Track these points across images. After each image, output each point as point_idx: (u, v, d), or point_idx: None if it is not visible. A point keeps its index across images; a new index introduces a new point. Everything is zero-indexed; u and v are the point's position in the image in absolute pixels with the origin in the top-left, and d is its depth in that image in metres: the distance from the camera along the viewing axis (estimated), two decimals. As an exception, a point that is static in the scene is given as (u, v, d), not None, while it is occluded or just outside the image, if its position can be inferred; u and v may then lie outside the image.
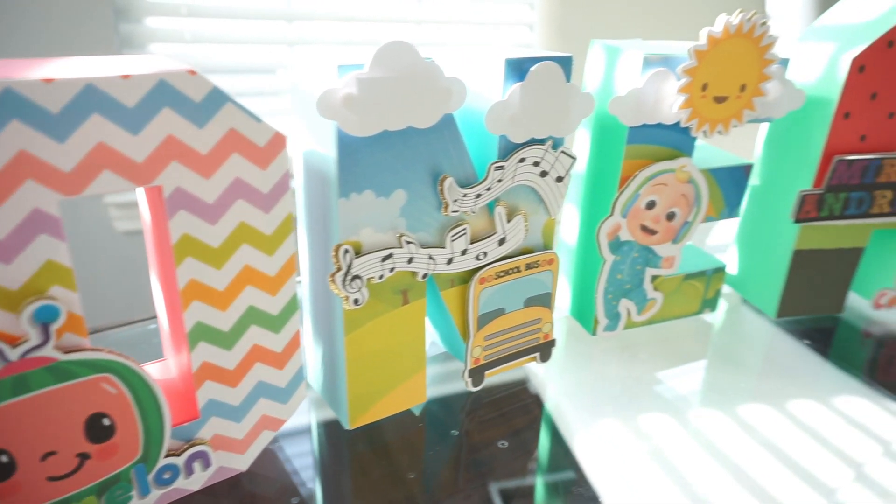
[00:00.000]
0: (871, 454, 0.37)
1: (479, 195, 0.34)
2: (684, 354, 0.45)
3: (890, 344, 0.48)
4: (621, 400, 0.40)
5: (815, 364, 0.45)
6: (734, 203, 0.45)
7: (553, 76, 0.34)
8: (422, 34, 1.29)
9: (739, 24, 0.37)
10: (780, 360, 0.46)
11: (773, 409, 0.40)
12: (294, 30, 1.21)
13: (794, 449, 0.37)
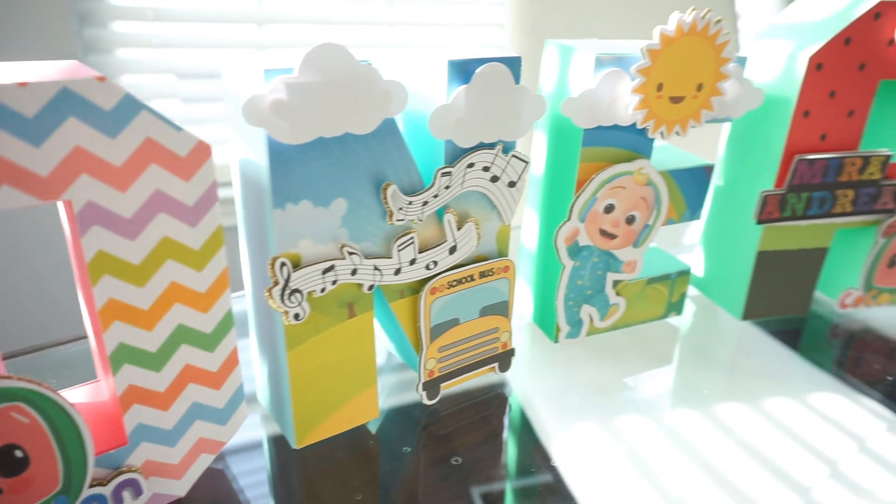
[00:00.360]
0: (844, 450, 0.36)
1: (425, 203, 0.33)
2: (655, 356, 0.44)
3: (858, 341, 0.48)
4: (591, 404, 0.39)
5: (785, 361, 0.45)
6: (696, 205, 0.44)
7: (500, 78, 0.33)
8: (395, 36, 1.28)
9: (693, 22, 0.36)
10: (750, 358, 0.45)
11: (745, 407, 0.40)
12: (264, 33, 1.19)
13: (768, 447, 0.37)
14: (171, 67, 1.14)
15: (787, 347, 0.46)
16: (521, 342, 0.45)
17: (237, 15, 1.16)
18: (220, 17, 1.15)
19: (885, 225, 0.47)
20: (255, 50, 1.22)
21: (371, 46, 1.26)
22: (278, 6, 1.19)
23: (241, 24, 1.17)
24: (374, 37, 1.26)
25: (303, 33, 1.21)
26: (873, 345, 0.47)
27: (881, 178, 0.45)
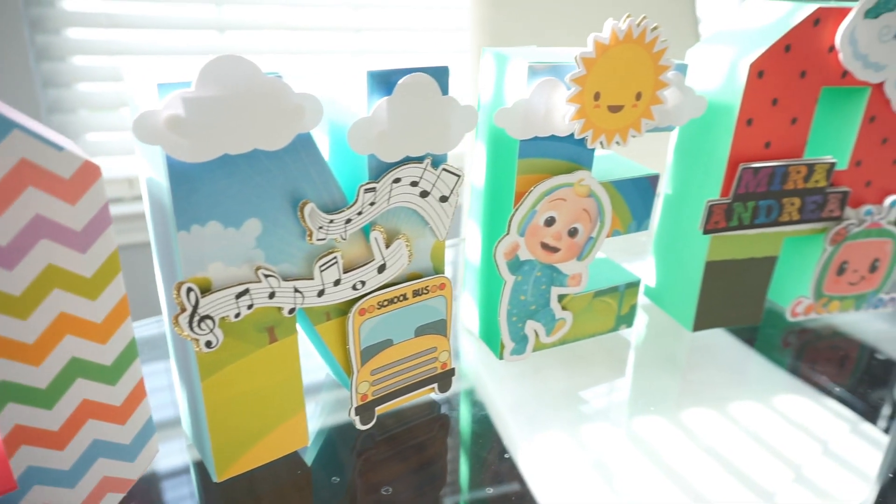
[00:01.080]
0: (806, 453, 0.37)
1: (348, 220, 0.31)
2: (615, 365, 0.43)
3: (811, 349, 0.47)
4: (551, 414, 0.38)
5: (743, 366, 0.44)
6: (642, 216, 0.43)
7: (425, 89, 0.31)
8: (361, 42, 1.26)
9: (628, 29, 0.35)
10: (708, 364, 0.44)
11: (708, 412, 0.39)
12: (226, 40, 1.17)
13: (732, 450, 0.37)
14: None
15: (745, 351, 0.45)
16: (484, 351, 0.44)
17: (197, 21, 1.13)
18: (181, 23, 1.13)
19: (832, 232, 0.46)
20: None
21: (337, 52, 1.25)
22: (240, 12, 1.17)
23: (201, 31, 1.14)
24: (339, 42, 1.24)
25: (266, 40, 1.19)
26: (825, 352, 0.47)
27: (827, 186, 0.44)
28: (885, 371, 0.45)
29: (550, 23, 1.02)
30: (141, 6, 1.09)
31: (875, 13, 0.40)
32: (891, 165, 0.46)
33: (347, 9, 1.23)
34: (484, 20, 1.01)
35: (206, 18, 1.14)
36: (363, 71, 0.30)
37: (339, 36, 1.24)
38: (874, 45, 0.41)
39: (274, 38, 1.20)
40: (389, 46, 1.28)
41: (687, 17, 1.12)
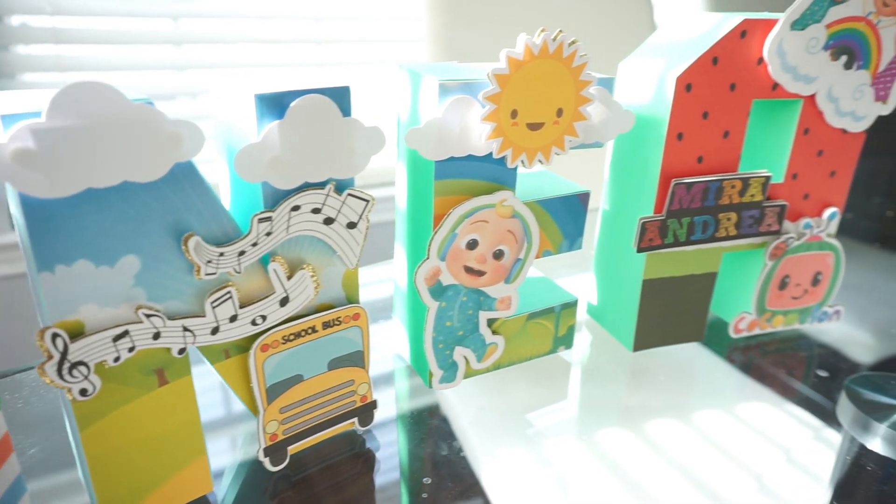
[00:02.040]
0: (765, 459, 0.37)
1: (242, 252, 0.29)
2: (550, 385, 0.42)
3: (755, 362, 0.46)
4: (507, 429, 0.36)
5: (701, 367, 0.43)
6: (573, 235, 0.42)
7: (322, 111, 0.29)
8: (323, 54, 1.24)
9: (543, 44, 0.33)
10: (661, 375, 0.43)
11: (664, 423, 0.39)
12: (183, 54, 1.14)
13: (694, 459, 0.36)
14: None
15: (705, 364, 0.44)
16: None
17: (152, 35, 1.11)
18: (135, 38, 1.10)
19: (771, 247, 0.45)
20: (175, 71, 1.17)
21: (298, 65, 1.23)
22: (196, 25, 1.15)
23: (157, 46, 1.11)
24: (300, 55, 1.22)
25: (224, 54, 1.17)
26: (769, 366, 0.46)
27: (763, 200, 0.43)
28: (826, 388, 0.44)
29: (507, 33, 1.01)
30: (93, 21, 1.07)
31: (802, 25, 0.39)
32: (828, 178, 0.45)
33: (309, 21, 1.22)
34: (439, 32, 0.99)
35: (162, 33, 1.11)
36: (254, 93, 0.28)
37: (300, 48, 1.22)
38: (803, 57, 0.40)
39: (233, 52, 1.17)
40: (350, 58, 1.26)
41: (645, 25, 1.12)
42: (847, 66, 0.41)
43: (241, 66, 1.19)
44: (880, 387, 0.42)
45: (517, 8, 1.01)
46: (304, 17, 1.21)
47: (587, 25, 1.06)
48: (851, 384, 0.43)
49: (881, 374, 0.44)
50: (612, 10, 1.08)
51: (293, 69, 1.24)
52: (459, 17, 0.99)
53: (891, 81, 0.42)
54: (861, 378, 0.43)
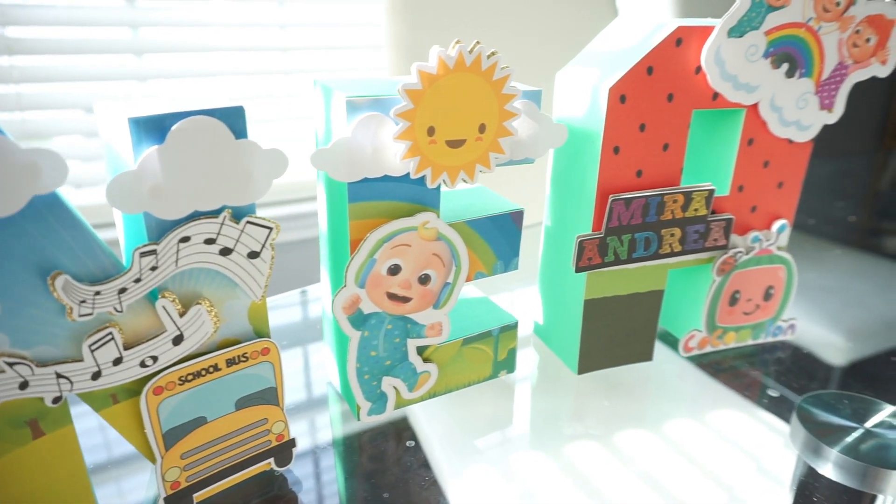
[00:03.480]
0: (730, 479, 0.36)
1: (123, 290, 0.27)
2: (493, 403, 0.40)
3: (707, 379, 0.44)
4: (477, 445, 0.34)
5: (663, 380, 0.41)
6: (508, 255, 0.40)
7: (210, 134, 0.27)
8: (288, 62, 1.22)
9: (459, 57, 0.31)
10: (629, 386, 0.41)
11: (633, 434, 0.37)
12: (144, 63, 1.11)
13: (663, 470, 0.36)
14: (40, 103, 1.05)
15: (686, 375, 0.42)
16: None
17: (111, 44, 1.08)
18: (96, 47, 1.07)
19: (718, 262, 0.43)
20: (136, 81, 1.14)
21: (262, 73, 1.20)
22: (157, 34, 1.12)
23: (118, 55, 1.08)
24: (264, 63, 1.20)
25: (186, 63, 1.14)
26: (728, 376, 0.44)
27: (708, 214, 0.41)
28: (778, 405, 0.43)
29: (468, 38, 0.99)
30: (51, 31, 1.04)
31: (739, 32, 0.37)
32: (775, 189, 0.43)
33: (275, 29, 1.19)
34: (399, 38, 0.97)
35: (121, 42, 1.08)
36: (129, 116, 0.26)
37: (264, 56, 1.20)
38: (743, 66, 0.38)
39: (196, 60, 1.15)
40: (315, 66, 1.24)
41: (606, 10, 1.10)
42: (789, 74, 0.39)
43: (205, 74, 1.17)
44: (832, 407, 0.41)
45: (478, 13, 0.99)
46: (270, 25, 1.19)
47: (550, 30, 1.05)
48: (804, 404, 0.41)
49: (833, 392, 0.42)
50: (576, 15, 1.07)
51: (258, 77, 1.21)
52: (419, 23, 0.97)
53: (835, 89, 0.41)
54: (813, 398, 0.41)
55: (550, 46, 1.05)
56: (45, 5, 1.02)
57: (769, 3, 0.37)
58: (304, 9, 1.21)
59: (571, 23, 1.06)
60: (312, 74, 1.25)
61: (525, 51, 1.02)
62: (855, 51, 0.40)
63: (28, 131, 1.04)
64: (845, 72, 0.40)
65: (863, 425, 0.38)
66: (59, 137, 1.07)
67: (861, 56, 0.40)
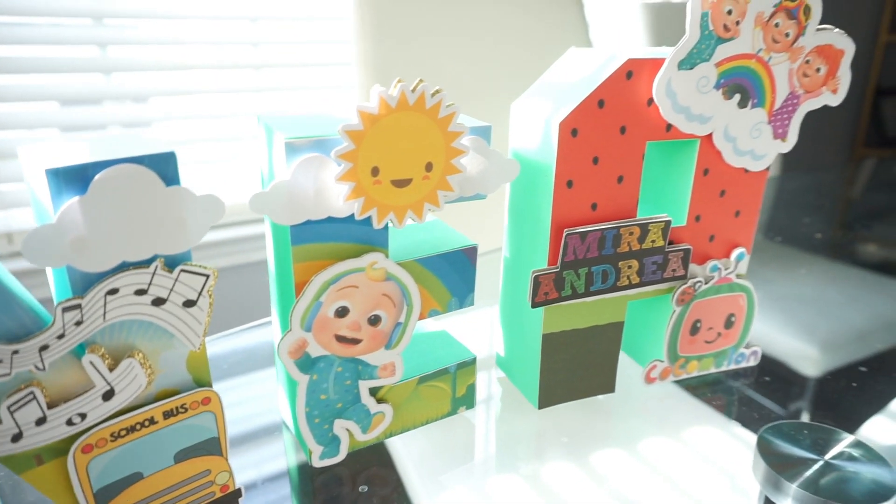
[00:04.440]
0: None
1: (45, 347, 0.26)
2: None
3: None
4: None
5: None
6: (463, 292, 0.39)
7: (138, 182, 0.26)
8: (260, 79, 1.21)
9: (401, 96, 0.31)
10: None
11: (613, 454, 0.34)
12: (112, 82, 1.10)
13: (633, 492, 0.35)
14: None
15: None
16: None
17: (86, 63, 1.06)
18: (63, 66, 1.05)
19: (677, 293, 0.43)
20: (110, 101, 1.13)
21: (233, 91, 1.19)
22: (125, 50, 1.10)
23: (87, 74, 1.07)
24: (236, 82, 1.19)
25: (156, 81, 1.13)
26: (694, 399, 0.43)
27: (665, 245, 0.41)
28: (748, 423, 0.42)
29: (433, 54, 0.99)
30: (23, 49, 1.02)
31: (689, 64, 0.37)
32: (733, 218, 0.43)
33: (247, 46, 1.18)
34: (367, 56, 0.96)
35: (92, 61, 1.07)
36: (46, 168, 0.25)
37: (236, 74, 1.19)
38: (695, 97, 0.38)
39: (166, 79, 1.13)
40: (285, 84, 1.23)
41: (576, 24, 1.10)
42: (741, 104, 0.39)
43: (179, 93, 1.15)
44: (793, 438, 0.40)
45: (447, 33, 0.99)
46: (242, 43, 1.18)
47: (521, 51, 1.05)
48: (765, 435, 0.40)
49: (794, 422, 0.42)
50: (548, 37, 1.07)
51: (230, 95, 1.21)
52: (387, 41, 0.97)
53: (788, 118, 0.40)
54: (773, 429, 0.41)
55: (521, 66, 1.05)
56: (20, 23, 1.01)
57: (718, 35, 0.36)
58: (277, 26, 1.21)
59: (542, 45, 1.06)
60: (284, 92, 1.25)
61: (495, 71, 1.02)
62: (806, 80, 0.39)
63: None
64: (797, 101, 0.40)
65: (823, 457, 0.38)
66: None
67: (812, 86, 0.40)
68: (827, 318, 0.60)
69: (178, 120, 1.17)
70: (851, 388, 0.47)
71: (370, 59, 0.96)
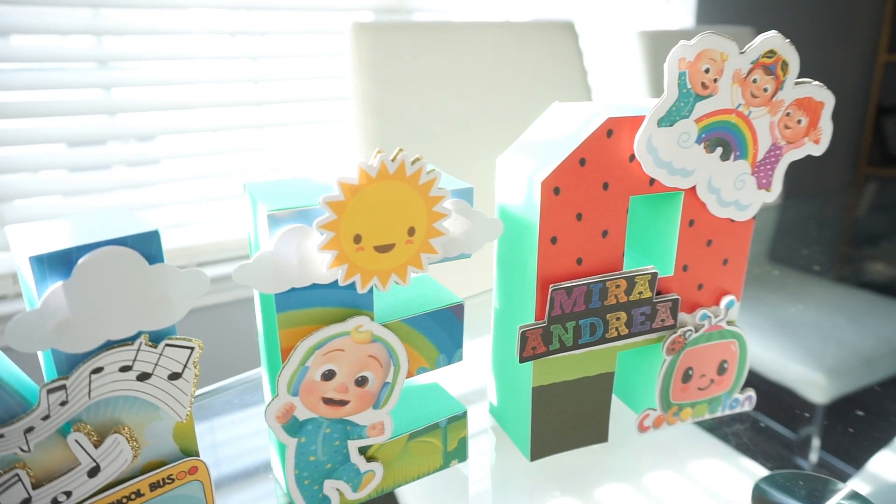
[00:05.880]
0: None
1: (30, 429, 0.26)
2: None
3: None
4: None
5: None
6: (451, 348, 0.39)
7: (120, 263, 0.27)
8: (261, 115, 1.23)
9: (381, 166, 0.31)
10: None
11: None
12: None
13: None
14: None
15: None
16: None
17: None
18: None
19: (667, 342, 0.43)
20: (114, 142, 1.15)
21: (235, 127, 1.21)
22: (129, 93, 1.13)
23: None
24: (237, 117, 1.21)
25: (159, 119, 1.15)
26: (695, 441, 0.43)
27: (653, 296, 0.41)
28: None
29: (428, 89, 1.00)
30: (31, 94, 1.05)
31: (669, 121, 0.37)
32: (721, 266, 0.43)
33: (248, 84, 1.21)
34: (364, 89, 0.98)
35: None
36: (28, 255, 0.25)
37: (237, 111, 1.21)
38: (676, 152, 0.38)
39: (172, 117, 1.15)
40: (286, 119, 1.25)
41: (575, 70, 1.12)
42: (724, 157, 0.39)
43: (182, 131, 1.17)
44: (788, 489, 0.40)
45: (441, 64, 1.00)
46: (243, 81, 1.20)
47: (515, 77, 1.06)
48: (760, 485, 0.40)
49: (789, 472, 0.41)
50: (546, 80, 1.08)
51: (232, 132, 1.22)
52: (383, 74, 0.98)
53: (772, 169, 0.41)
54: (769, 479, 0.41)
55: (517, 94, 1.06)
56: (18, 69, 1.04)
57: (696, 93, 0.37)
58: (276, 64, 1.23)
59: (538, 73, 1.07)
60: (284, 127, 1.26)
61: (491, 101, 1.03)
62: (787, 132, 0.40)
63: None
64: (780, 152, 0.40)
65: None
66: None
67: (794, 137, 0.40)
68: (832, 342, 0.59)
69: (180, 158, 1.19)
70: (856, 417, 0.47)
71: (367, 94, 0.97)
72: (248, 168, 1.24)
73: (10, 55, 1.02)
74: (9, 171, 1.05)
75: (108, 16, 1.08)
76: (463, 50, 1.02)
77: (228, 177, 1.23)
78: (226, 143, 1.22)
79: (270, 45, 1.22)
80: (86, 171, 1.13)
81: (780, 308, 0.55)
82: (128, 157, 1.17)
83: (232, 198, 1.23)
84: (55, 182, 1.10)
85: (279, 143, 1.26)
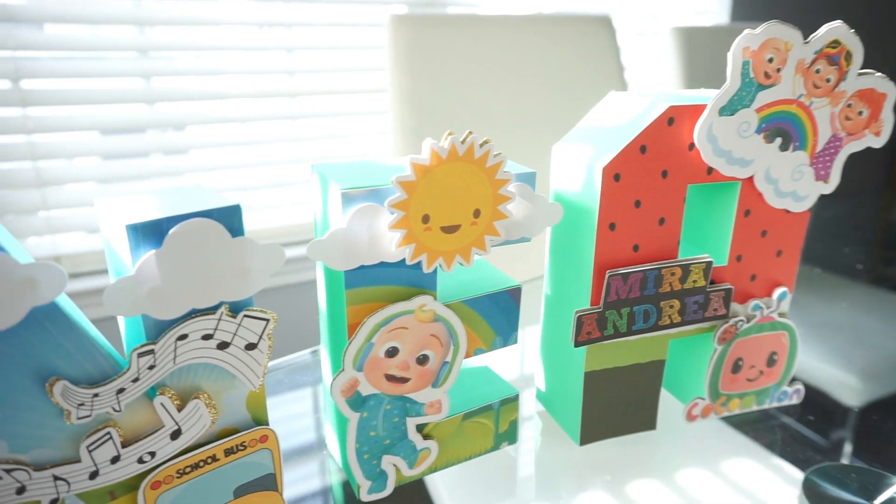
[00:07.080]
0: None
1: (122, 390, 0.27)
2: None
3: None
4: None
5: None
6: (507, 331, 0.40)
7: (206, 235, 0.28)
8: (296, 106, 1.24)
9: (451, 148, 0.32)
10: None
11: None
12: (155, 112, 1.14)
13: None
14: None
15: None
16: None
17: (123, 94, 1.11)
18: (105, 97, 1.09)
19: (719, 332, 0.43)
20: (153, 130, 1.17)
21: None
22: (168, 83, 1.15)
23: (128, 105, 1.11)
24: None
25: (196, 108, 1.17)
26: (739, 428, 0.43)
27: (707, 285, 0.41)
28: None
29: (464, 81, 1.01)
30: (72, 82, 1.07)
31: (730, 110, 0.37)
32: (774, 258, 0.43)
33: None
34: (401, 83, 0.98)
35: (133, 90, 1.11)
36: (125, 223, 0.26)
37: (271, 102, 1.22)
38: (736, 142, 0.38)
39: (205, 107, 1.17)
40: (319, 111, 1.26)
41: (611, 64, 1.11)
42: (783, 147, 0.39)
43: (218, 121, 1.19)
44: (840, 481, 0.40)
45: (477, 58, 1.01)
46: (278, 72, 1.22)
47: (550, 73, 1.06)
48: (811, 477, 0.40)
49: (841, 465, 0.42)
50: (584, 81, 1.08)
51: (267, 123, 1.24)
52: (421, 69, 0.98)
53: (831, 161, 0.41)
54: (820, 471, 0.41)
55: (553, 89, 1.06)
56: (61, 57, 1.06)
57: (759, 83, 0.37)
58: (311, 56, 1.24)
59: (574, 69, 1.07)
60: (318, 119, 1.28)
61: (526, 97, 1.04)
62: (848, 124, 0.40)
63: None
64: (839, 144, 0.40)
65: (871, 503, 0.38)
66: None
67: (854, 129, 0.40)
68: (865, 346, 0.59)
69: (215, 147, 1.21)
70: (890, 421, 0.47)
71: (404, 87, 0.98)
72: (282, 158, 1.25)
73: (49, 44, 1.05)
74: (49, 157, 1.07)
75: (149, 7, 1.11)
76: (500, 44, 1.02)
77: (260, 167, 1.24)
78: (261, 133, 1.24)
79: (305, 37, 1.23)
80: (122, 158, 1.16)
81: (814, 309, 0.54)
82: (165, 145, 1.20)
83: (266, 188, 1.25)
84: (90, 168, 1.13)
85: (313, 135, 1.28)
